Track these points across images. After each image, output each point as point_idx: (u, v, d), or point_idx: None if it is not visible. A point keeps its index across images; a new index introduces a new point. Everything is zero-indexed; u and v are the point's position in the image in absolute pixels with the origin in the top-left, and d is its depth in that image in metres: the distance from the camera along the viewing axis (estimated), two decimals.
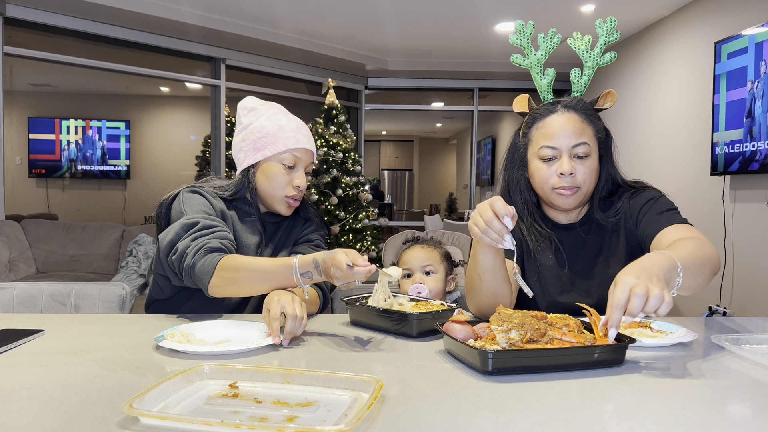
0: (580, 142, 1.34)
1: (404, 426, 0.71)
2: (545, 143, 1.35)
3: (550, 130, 1.36)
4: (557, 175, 1.34)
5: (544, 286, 1.43)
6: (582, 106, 1.38)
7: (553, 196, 1.37)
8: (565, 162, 1.33)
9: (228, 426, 0.66)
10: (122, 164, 8.29)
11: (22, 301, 1.57)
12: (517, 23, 1.44)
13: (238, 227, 1.49)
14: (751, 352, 1.02)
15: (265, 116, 1.51)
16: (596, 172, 1.38)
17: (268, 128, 1.48)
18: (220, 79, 5.88)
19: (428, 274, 1.59)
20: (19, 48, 4.64)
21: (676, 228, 1.30)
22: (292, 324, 1.10)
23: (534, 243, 1.43)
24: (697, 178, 4.34)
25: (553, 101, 1.41)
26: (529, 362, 0.92)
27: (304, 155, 1.49)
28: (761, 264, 3.68)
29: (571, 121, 1.35)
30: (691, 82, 4.50)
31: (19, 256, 4.57)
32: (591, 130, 1.37)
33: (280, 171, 1.46)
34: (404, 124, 13.71)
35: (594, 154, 1.37)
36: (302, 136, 1.49)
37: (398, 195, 15.54)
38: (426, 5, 4.87)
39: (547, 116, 1.38)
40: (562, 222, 1.46)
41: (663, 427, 0.72)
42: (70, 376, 0.89)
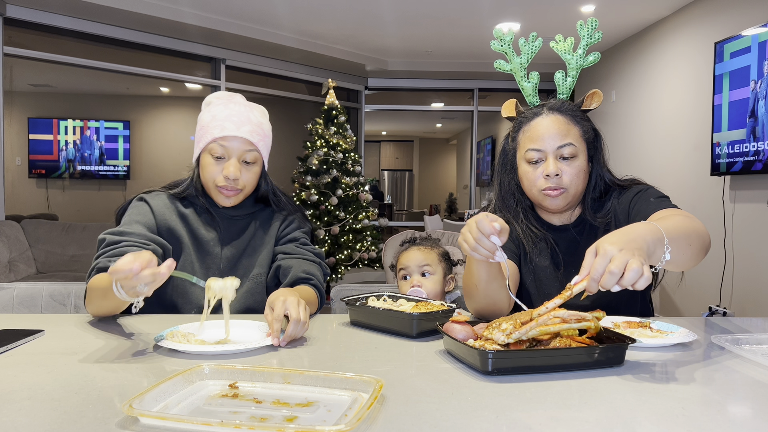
0: (565, 143, 1.34)
1: (404, 426, 0.71)
2: (531, 146, 1.36)
3: (535, 133, 1.37)
4: (543, 177, 1.35)
5: (540, 287, 1.44)
6: (567, 108, 1.39)
7: (541, 198, 1.38)
8: (550, 164, 1.34)
9: (228, 426, 0.66)
10: (121, 165, 8.29)
11: (22, 301, 1.57)
12: (495, 30, 1.45)
13: (196, 224, 1.48)
14: (751, 352, 1.02)
15: (209, 108, 1.47)
16: (584, 173, 1.38)
17: (204, 120, 1.45)
18: (220, 80, 5.87)
19: (426, 276, 1.58)
20: (19, 48, 4.65)
21: (663, 212, 1.28)
22: (294, 328, 1.09)
23: (530, 245, 1.43)
24: (697, 179, 4.34)
25: (540, 104, 1.42)
26: (529, 362, 0.92)
27: (234, 143, 1.42)
28: (761, 264, 3.68)
29: (555, 123, 1.36)
30: (691, 83, 4.51)
31: (19, 256, 4.57)
32: (577, 131, 1.37)
33: (209, 162, 1.43)
34: (404, 125, 13.72)
35: (581, 155, 1.37)
36: (231, 124, 1.41)
37: (398, 195, 15.54)
38: (426, 5, 4.87)
39: (533, 119, 1.39)
40: (556, 224, 1.46)
41: (663, 427, 0.72)
42: (70, 376, 0.89)
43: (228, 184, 1.43)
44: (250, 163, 1.45)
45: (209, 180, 1.45)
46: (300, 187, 5.67)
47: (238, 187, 1.45)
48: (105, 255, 1.33)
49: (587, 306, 1.44)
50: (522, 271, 1.46)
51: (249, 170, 1.46)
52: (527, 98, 1.45)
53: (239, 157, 1.43)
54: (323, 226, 5.56)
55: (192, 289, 1.45)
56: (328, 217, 5.60)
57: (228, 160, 1.43)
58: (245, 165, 1.45)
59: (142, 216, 1.45)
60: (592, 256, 0.96)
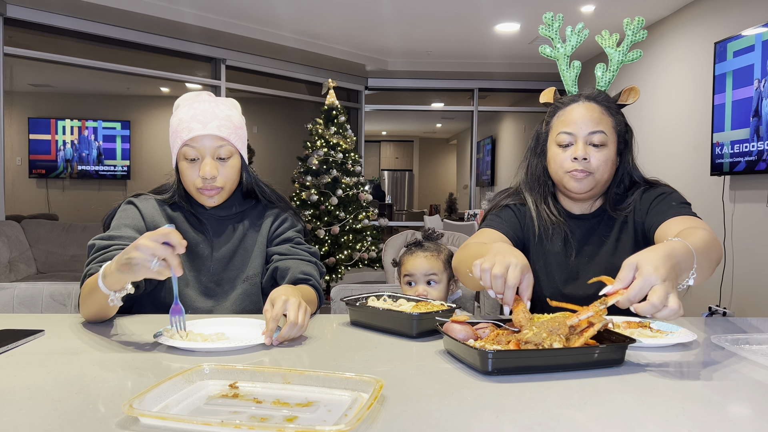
0: (596, 131, 1.38)
1: (404, 426, 0.71)
2: (563, 129, 1.41)
3: (569, 118, 1.41)
4: (571, 160, 1.39)
5: (550, 273, 1.47)
6: (603, 98, 1.43)
7: (567, 179, 1.41)
8: (580, 147, 1.38)
9: (228, 426, 0.66)
10: (119, 164, 8.29)
11: (22, 301, 1.57)
12: (545, 15, 1.51)
13: (185, 227, 1.48)
14: (750, 352, 1.02)
15: (176, 112, 1.46)
16: (611, 163, 1.41)
17: (173, 125, 1.43)
18: (220, 80, 5.88)
19: (431, 284, 1.55)
20: (19, 48, 4.64)
21: (682, 219, 1.32)
22: (289, 330, 1.08)
23: (544, 229, 1.47)
24: (697, 178, 4.34)
25: (578, 93, 1.47)
26: (529, 362, 0.92)
27: (205, 142, 1.39)
28: (761, 264, 3.68)
29: (589, 110, 1.40)
30: (691, 82, 4.50)
31: (19, 256, 4.57)
32: (610, 122, 1.41)
33: (186, 166, 1.41)
34: (404, 125, 13.71)
35: (611, 145, 1.41)
36: (197, 123, 1.38)
37: (398, 195, 15.54)
38: (426, 6, 4.87)
39: (568, 105, 1.44)
40: (575, 212, 1.50)
41: (663, 427, 0.72)
42: (70, 376, 0.89)
43: (206, 184, 1.40)
44: (225, 158, 1.42)
45: (189, 184, 1.43)
46: (300, 187, 5.67)
47: (218, 185, 1.42)
48: (95, 261, 1.33)
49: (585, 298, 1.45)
50: (532, 255, 1.49)
51: (226, 165, 1.42)
52: (566, 87, 1.50)
53: (212, 154, 1.40)
54: (323, 226, 5.56)
55: (185, 290, 1.44)
56: (328, 217, 5.60)
57: (202, 160, 1.40)
58: (221, 162, 1.42)
59: (130, 219, 1.45)
60: (630, 271, 0.95)
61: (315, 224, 5.54)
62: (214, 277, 1.48)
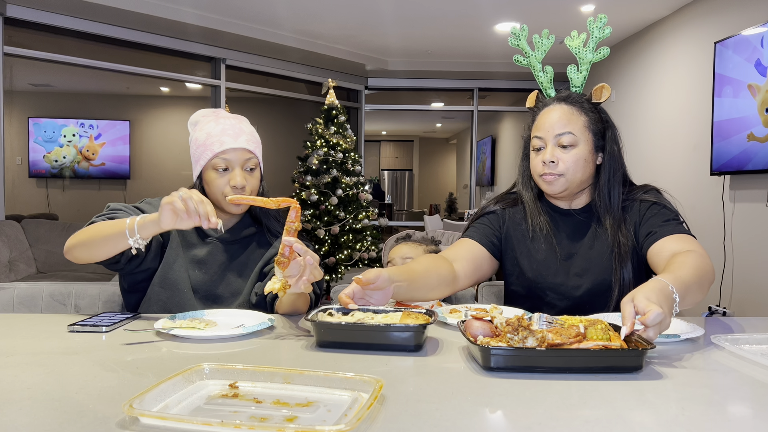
0: (563, 132, 1.42)
1: (404, 426, 0.71)
2: (535, 134, 1.47)
3: (539, 122, 1.46)
4: (542, 163, 1.43)
5: (537, 268, 1.49)
6: (575, 99, 1.46)
7: (540, 182, 1.47)
8: (548, 151, 1.43)
9: (228, 426, 0.66)
10: (119, 164, 8.29)
11: (22, 301, 1.57)
12: (512, 28, 1.55)
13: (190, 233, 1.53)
14: (750, 352, 1.02)
15: (199, 127, 1.53)
16: (585, 162, 1.44)
17: (199, 139, 1.51)
18: (220, 79, 5.87)
19: None
20: (19, 48, 4.64)
21: (677, 239, 1.35)
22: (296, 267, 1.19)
23: (532, 227, 1.51)
24: (697, 178, 4.34)
25: (553, 96, 1.50)
26: (536, 362, 0.92)
27: (235, 155, 1.48)
28: (761, 264, 3.68)
29: (558, 112, 1.44)
30: (691, 82, 4.50)
31: (19, 256, 4.57)
32: (582, 122, 1.43)
33: (214, 176, 1.48)
34: (404, 124, 13.71)
35: (583, 144, 1.43)
36: (228, 137, 1.48)
37: (398, 195, 15.54)
38: (426, 5, 4.87)
39: (542, 110, 1.48)
40: (563, 208, 1.53)
41: (663, 427, 0.72)
42: (70, 376, 0.89)
43: (236, 193, 1.48)
44: (252, 169, 1.52)
45: (217, 192, 1.49)
46: (300, 186, 5.66)
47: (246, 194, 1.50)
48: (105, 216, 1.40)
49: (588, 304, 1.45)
50: (519, 252, 1.52)
51: (252, 176, 1.51)
52: (544, 91, 1.54)
53: (241, 165, 1.49)
54: (323, 226, 5.56)
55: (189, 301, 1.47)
56: (328, 217, 5.60)
57: (232, 170, 1.49)
58: (248, 172, 1.51)
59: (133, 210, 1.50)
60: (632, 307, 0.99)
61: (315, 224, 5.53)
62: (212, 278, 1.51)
